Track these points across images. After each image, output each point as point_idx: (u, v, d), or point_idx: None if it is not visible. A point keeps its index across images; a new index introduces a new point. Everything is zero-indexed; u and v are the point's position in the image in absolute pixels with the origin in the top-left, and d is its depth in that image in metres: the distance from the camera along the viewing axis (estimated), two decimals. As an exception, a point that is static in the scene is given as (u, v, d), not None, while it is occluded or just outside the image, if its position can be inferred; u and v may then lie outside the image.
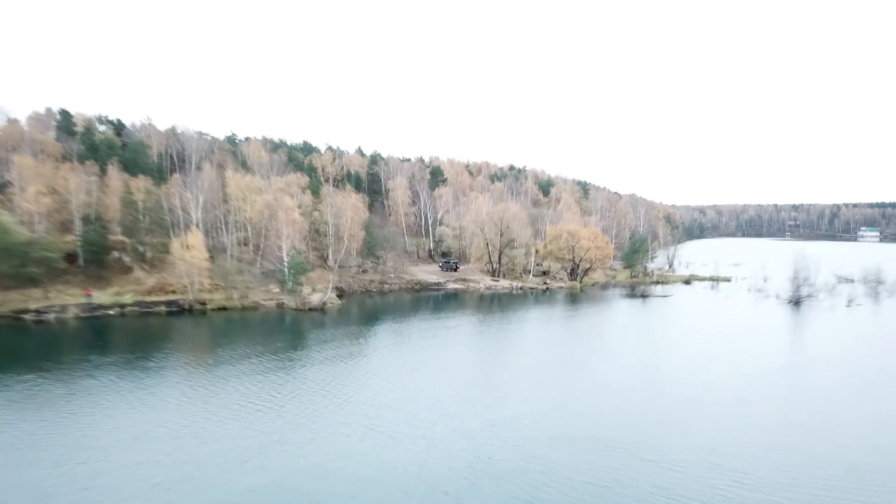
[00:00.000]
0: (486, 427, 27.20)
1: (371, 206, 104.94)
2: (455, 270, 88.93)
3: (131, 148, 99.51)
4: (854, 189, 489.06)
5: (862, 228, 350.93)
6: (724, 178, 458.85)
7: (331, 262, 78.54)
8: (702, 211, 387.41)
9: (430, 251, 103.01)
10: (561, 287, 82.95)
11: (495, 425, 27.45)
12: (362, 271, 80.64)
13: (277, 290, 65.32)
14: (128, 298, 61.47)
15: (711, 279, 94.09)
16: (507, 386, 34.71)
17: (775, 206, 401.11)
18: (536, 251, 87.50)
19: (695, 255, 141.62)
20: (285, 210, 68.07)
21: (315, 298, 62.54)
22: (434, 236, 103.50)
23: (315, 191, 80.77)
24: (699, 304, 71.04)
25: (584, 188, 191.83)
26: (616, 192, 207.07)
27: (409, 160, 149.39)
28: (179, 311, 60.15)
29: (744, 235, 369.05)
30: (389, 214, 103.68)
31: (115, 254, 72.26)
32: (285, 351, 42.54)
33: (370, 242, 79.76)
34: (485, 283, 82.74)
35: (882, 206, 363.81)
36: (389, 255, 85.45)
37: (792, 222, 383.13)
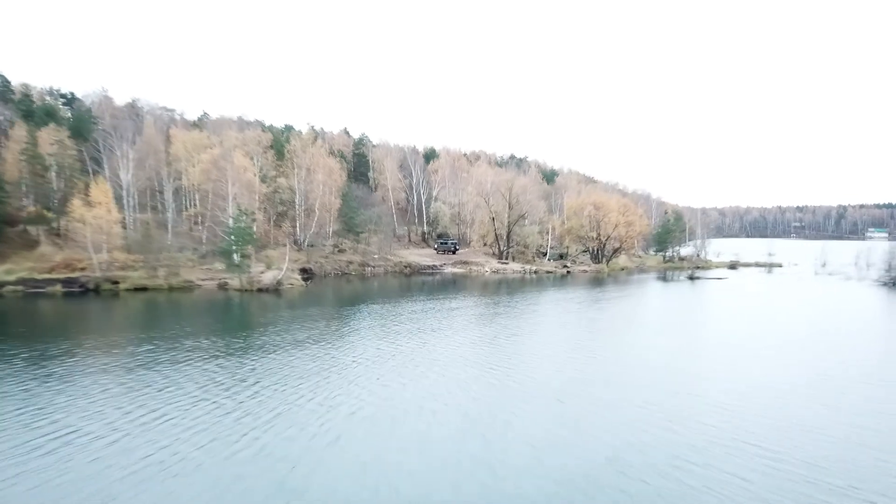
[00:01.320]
0: (537, 471, 11.62)
1: (367, 199, 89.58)
2: (454, 253, 73.35)
3: (75, 116, 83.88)
4: (860, 190, 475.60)
5: (870, 229, 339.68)
6: (726, 180, 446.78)
7: (299, 237, 62.82)
8: (704, 212, 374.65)
9: (423, 234, 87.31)
10: (585, 271, 67.50)
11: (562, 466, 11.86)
12: (339, 251, 64.85)
13: (223, 268, 49.49)
14: (14, 276, 45.44)
15: (758, 265, 79.27)
16: (560, 389, 19.11)
17: (779, 207, 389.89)
18: (553, 228, 72.04)
19: (715, 248, 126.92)
20: (235, 167, 52.34)
21: (268, 277, 46.63)
22: (428, 216, 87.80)
23: (279, 150, 65.08)
24: (772, 287, 55.70)
25: (590, 182, 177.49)
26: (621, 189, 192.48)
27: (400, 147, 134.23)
28: (82, 291, 44.15)
29: (748, 236, 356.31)
30: (375, 189, 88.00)
31: (21, 225, 56.48)
32: (199, 337, 26.68)
33: (348, 215, 64.18)
34: (490, 266, 67.22)
35: (890, 206, 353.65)
36: (374, 239, 69.98)
37: (797, 223, 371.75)
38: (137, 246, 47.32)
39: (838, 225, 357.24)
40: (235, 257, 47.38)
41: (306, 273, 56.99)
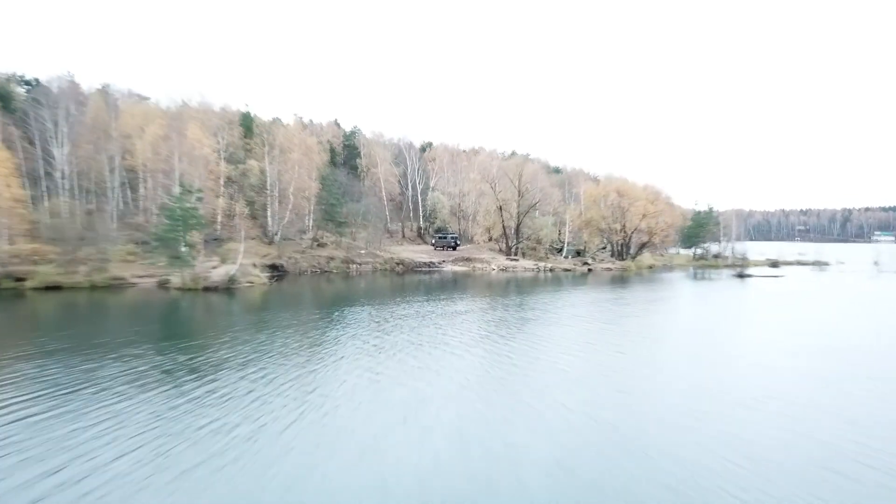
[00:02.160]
0: None
1: (352, 187, 79.43)
2: (454, 249, 63.42)
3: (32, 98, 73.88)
4: (865, 193, 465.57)
5: (876, 232, 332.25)
6: (728, 182, 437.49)
7: (270, 229, 52.75)
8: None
9: (419, 230, 77.25)
10: (609, 269, 57.61)
11: None
12: (318, 245, 54.78)
13: (171, 264, 39.26)
14: None
15: (800, 263, 69.76)
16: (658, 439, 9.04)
17: (783, 210, 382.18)
18: (570, 220, 62.02)
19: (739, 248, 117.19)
20: (183, 138, 42.33)
21: (218, 273, 36.45)
22: (424, 209, 77.70)
23: (248, 126, 55.08)
24: (848, 286, 45.79)
25: (595, 181, 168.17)
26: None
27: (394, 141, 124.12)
28: (-27, 291, 33.92)
29: (751, 240, 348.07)
30: (367, 173, 77.99)
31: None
32: (72, 354, 16.59)
33: (329, 203, 54.14)
34: (498, 263, 57.25)
35: (895, 209, 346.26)
36: (363, 234, 60.07)
37: (801, 227, 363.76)
38: (52, 233, 37.14)
39: (844, 228, 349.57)
40: (182, 247, 37.29)
41: (277, 270, 46.95)
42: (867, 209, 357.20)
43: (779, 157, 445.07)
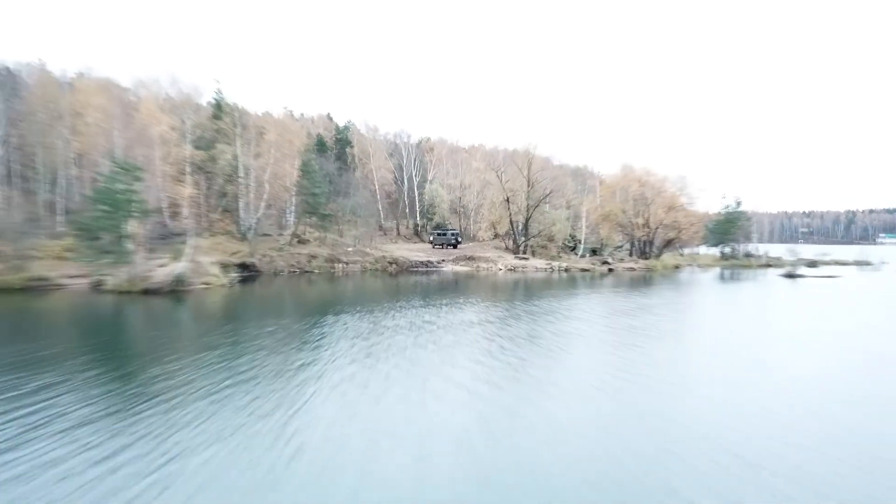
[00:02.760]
0: None
1: (340, 177, 72.14)
2: (455, 247, 56.32)
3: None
4: (869, 195, 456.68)
5: (881, 235, 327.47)
6: (729, 184, 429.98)
7: (242, 222, 45.54)
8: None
9: (416, 227, 70.11)
10: (632, 269, 50.50)
11: None
12: (298, 242, 47.57)
13: (100, 260, 32.08)
14: None
15: (838, 263, 63.17)
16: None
17: (785, 212, 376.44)
18: (587, 213, 54.95)
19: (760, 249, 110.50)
20: (132, 111, 35.26)
21: (163, 273, 29.20)
22: (422, 205, 70.53)
23: (220, 105, 47.92)
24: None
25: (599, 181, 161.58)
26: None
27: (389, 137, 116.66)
28: None
29: (757, 241, 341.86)
30: (354, 169, 70.92)
31: None
32: None
33: (311, 191, 46.91)
34: (505, 262, 50.10)
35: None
36: (354, 232, 53.07)
37: (805, 229, 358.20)
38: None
39: (848, 230, 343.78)
40: (125, 241, 30.09)
41: (248, 269, 39.83)
42: (871, 211, 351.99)
43: (780, 157, 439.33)
